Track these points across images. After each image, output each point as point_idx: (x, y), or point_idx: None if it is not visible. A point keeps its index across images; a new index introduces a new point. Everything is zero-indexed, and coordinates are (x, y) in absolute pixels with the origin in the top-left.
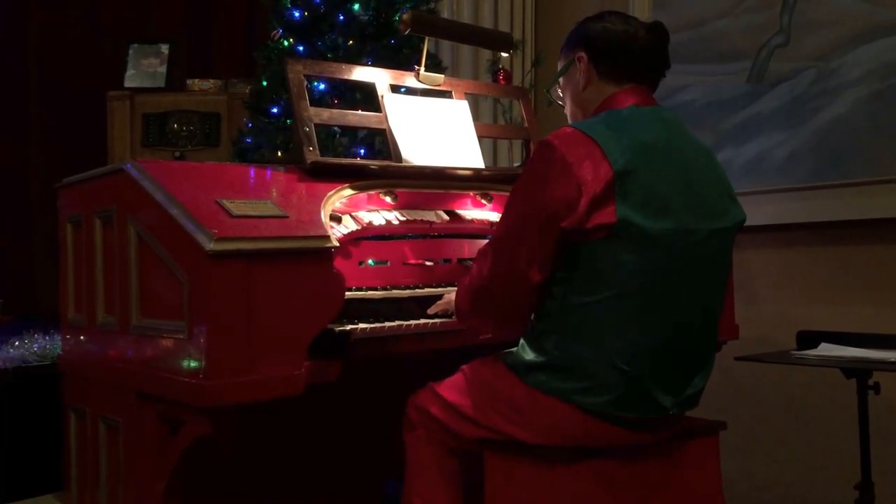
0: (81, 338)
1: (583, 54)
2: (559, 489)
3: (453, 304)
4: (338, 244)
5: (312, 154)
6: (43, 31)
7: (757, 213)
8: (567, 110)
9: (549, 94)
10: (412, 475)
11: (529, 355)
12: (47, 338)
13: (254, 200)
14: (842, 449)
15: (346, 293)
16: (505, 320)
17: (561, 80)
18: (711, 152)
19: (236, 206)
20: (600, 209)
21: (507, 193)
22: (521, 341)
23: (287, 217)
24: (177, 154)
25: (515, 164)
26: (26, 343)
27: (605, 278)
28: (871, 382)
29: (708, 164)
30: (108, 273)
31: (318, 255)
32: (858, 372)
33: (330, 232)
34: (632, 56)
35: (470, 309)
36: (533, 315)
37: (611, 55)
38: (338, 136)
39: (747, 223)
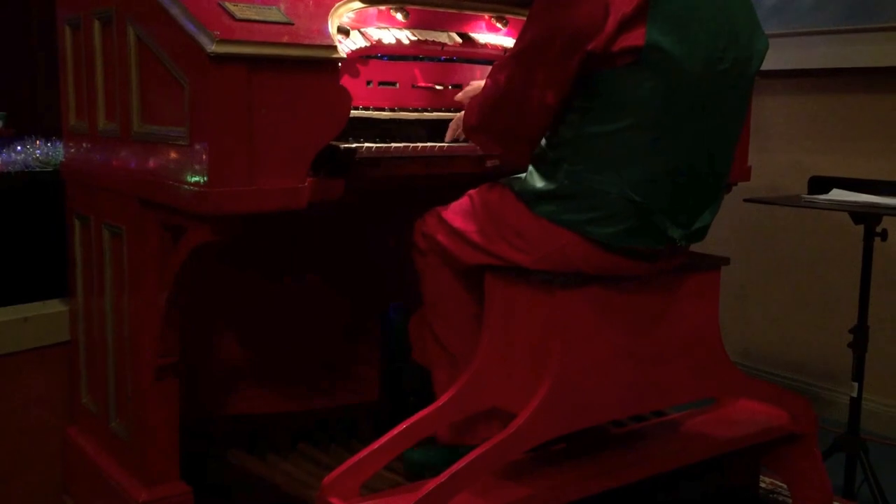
0: (83, 145)
1: None
2: (557, 311)
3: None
4: (345, 57)
5: None
6: None
7: (782, 56)
8: None
9: None
10: (430, 300)
11: (539, 183)
12: (49, 145)
13: (258, 6)
14: (843, 295)
15: (353, 111)
16: (513, 140)
17: None
18: None
19: (240, 10)
20: (629, 31)
21: (525, 18)
22: (531, 168)
23: (293, 24)
24: None
25: None
26: (28, 149)
27: (626, 107)
28: (879, 229)
29: None
30: (109, 78)
31: (323, 66)
32: (868, 217)
33: (337, 44)
34: None
35: (479, 122)
36: (545, 142)
37: None
38: None
39: (768, 67)
